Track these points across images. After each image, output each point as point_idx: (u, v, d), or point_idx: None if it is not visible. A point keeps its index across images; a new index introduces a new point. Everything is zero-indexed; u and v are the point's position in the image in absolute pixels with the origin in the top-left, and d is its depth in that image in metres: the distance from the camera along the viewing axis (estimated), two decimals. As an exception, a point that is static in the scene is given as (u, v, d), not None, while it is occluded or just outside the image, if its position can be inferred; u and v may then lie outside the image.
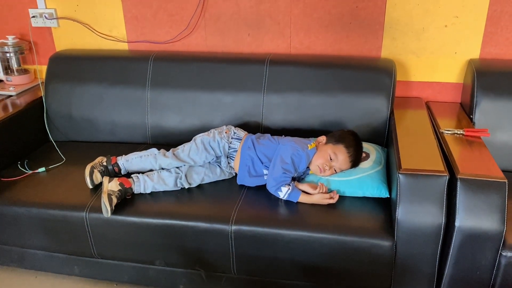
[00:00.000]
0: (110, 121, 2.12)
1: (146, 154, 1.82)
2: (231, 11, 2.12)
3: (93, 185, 1.75)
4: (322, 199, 1.60)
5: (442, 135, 1.67)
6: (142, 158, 1.81)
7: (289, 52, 2.15)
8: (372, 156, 1.75)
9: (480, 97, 1.82)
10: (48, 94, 2.16)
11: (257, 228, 1.54)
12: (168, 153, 1.80)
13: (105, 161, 1.81)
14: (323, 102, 1.93)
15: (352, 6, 2.00)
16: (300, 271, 1.59)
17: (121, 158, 1.83)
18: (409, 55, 2.04)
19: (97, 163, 1.80)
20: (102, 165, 1.79)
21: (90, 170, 1.75)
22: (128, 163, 1.81)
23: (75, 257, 1.79)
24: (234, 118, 2.00)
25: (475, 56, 1.98)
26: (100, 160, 1.82)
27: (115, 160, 1.82)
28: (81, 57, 2.22)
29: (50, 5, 2.28)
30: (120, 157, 1.84)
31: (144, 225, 1.62)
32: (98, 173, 1.76)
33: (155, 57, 2.11)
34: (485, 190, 1.36)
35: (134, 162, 1.81)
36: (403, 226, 1.44)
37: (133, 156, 1.83)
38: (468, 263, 1.42)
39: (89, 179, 1.73)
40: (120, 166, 1.81)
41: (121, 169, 1.81)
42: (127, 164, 1.81)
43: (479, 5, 1.89)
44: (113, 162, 1.81)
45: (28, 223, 1.72)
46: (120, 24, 2.25)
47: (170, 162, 1.77)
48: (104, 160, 1.82)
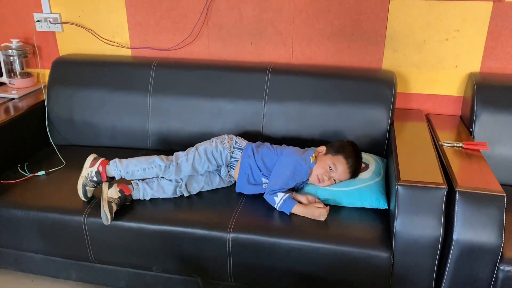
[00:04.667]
0: (111, 126, 2.13)
1: (150, 167, 1.72)
2: (234, 20, 2.14)
3: (87, 198, 1.70)
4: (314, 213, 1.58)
5: (442, 148, 1.68)
6: (146, 171, 1.72)
7: (290, 61, 2.16)
8: (371, 167, 1.75)
9: (480, 110, 1.82)
10: (50, 97, 2.17)
11: (255, 236, 1.54)
12: (172, 168, 1.71)
13: (94, 177, 1.68)
14: (323, 112, 1.93)
15: (354, 17, 2.01)
16: (297, 281, 1.59)
17: (117, 168, 1.70)
18: (410, 67, 2.05)
19: (87, 179, 1.68)
20: (93, 181, 1.68)
21: (82, 190, 1.68)
22: (130, 175, 1.72)
23: (72, 261, 1.79)
24: (234, 126, 2.00)
25: (475, 69, 1.99)
26: (89, 173, 1.69)
27: (105, 170, 1.69)
28: (84, 62, 2.23)
29: (55, 10, 2.30)
30: (116, 167, 1.70)
31: (142, 231, 1.62)
32: (91, 188, 1.70)
33: (157, 64, 2.12)
34: (483, 203, 1.36)
35: (137, 175, 1.72)
36: (401, 237, 1.44)
37: (135, 168, 1.72)
38: (465, 276, 1.42)
39: (83, 195, 1.69)
40: (116, 177, 1.72)
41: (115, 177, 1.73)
42: (128, 176, 1.72)
43: (480, 20, 1.91)
44: (103, 178, 1.69)
45: (26, 226, 1.72)
46: (124, 30, 2.27)
47: (174, 177, 1.73)
48: (93, 175, 1.68)
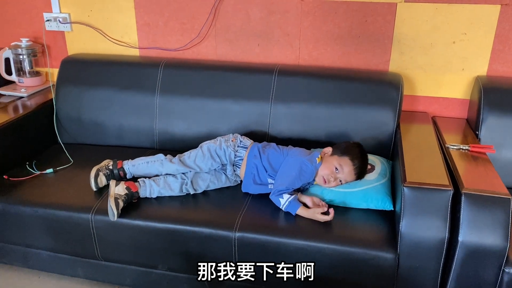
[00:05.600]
0: (119, 125, 2.15)
1: (152, 160, 1.83)
2: (241, 22, 2.15)
3: (97, 188, 1.76)
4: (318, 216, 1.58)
5: (448, 150, 1.68)
6: (149, 164, 1.82)
7: (297, 63, 2.17)
8: (377, 169, 1.76)
9: (487, 113, 1.82)
10: (59, 96, 2.19)
11: (260, 236, 1.55)
12: (175, 159, 1.81)
13: (111, 165, 1.83)
14: (330, 113, 1.94)
15: (361, 20, 2.02)
16: (302, 281, 1.59)
17: (127, 162, 1.85)
18: (416, 70, 2.05)
19: (102, 167, 1.81)
20: (108, 169, 1.81)
21: (95, 173, 1.77)
22: (134, 168, 1.83)
23: (79, 258, 1.80)
24: (241, 127, 2.01)
25: (482, 73, 2.00)
26: (106, 163, 1.84)
27: (121, 164, 1.84)
28: (92, 62, 2.25)
29: (65, 10, 2.32)
30: (126, 162, 1.85)
31: (149, 229, 1.64)
32: (104, 176, 1.78)
33: (165, 64, 2.13)
34: (489, 206, 1.36)
35: (141, 168, 1.83)
36: (406, 239, 1.45)
37: (140, 161, 1.84)
38: (470, 278, 1.42)
39: (94, 182, 1.75)
40: (125, 171, 1.83)
41: (126, 173, 1.83)
42: (133, 169, 1.83)
43: (488, 23, 1.91)
44: (119, 167, 1.82)
45: (34, 223, 1.74)
46: (132, 30, 2.29)
47: (176, 168, 1.78)
48: (110, 164, 1.83)
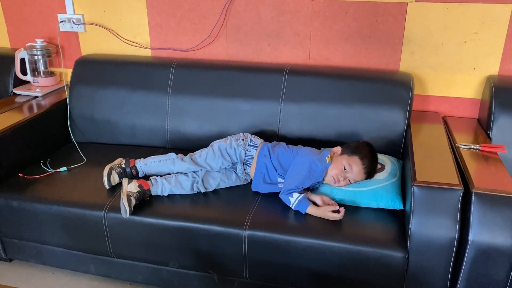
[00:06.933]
0: (131, 124, 2.18)
1: (164, 159, 1.86)
2: (252, 22, 2.17)
3: (110, 186, 1.79)
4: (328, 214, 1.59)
5: (458, 150, 1.68)
6: (161, 163, 1.85)
7: (308, 63, 2.18)
8: (387, 168, 1.76)
9: (498, 113, 1.82)
10: (72, 96, 2.23)
11: (270, 234, 1.57)
12: (186, 158, 1.83)
13: (123, 163, 1.85)
14: (340, 113, 1.94)
15: (372, 19, 2.03)
16: (311, 279, 1.60)
17: (139, 161, 1.87)
18: (427, 69, 2.05)
19: (115, 165, 1.84)
20: (121, 167, 1.84)
21: (108, 171, 1.80)
22: (146, 166, 1.85)
23: (91, 255, 1.83)
24: (251, 126, 2.03)
25: (493, 72, 1.99)
26: (119, 162, 1.87)
27: (134, 163, 1.86)
28: (105, 62, 2.28)
29: (78, 11, 2.36)
30: (139, 160, 1.88)
31: (160, 226, 1.66)
32: (116, 174, 1.81)
33: (177, 64, 2.16)
34: (499, 205, 1.36)
35: (152, 166, 1.85)
36: (416, 238, 1.45)
37: (152, 160, 1.87)
38: (480, 278, 1.42)
39: (107, 180, 1.78)
40: (138, 169, 1.85)
41: (138, 172, 1.85)
42: (145, 167, 1.85)
43: (499, 22, 1.90)
44: (132, 165, 1.85)
45: (48, 220, 1.77)
46: (144, 31, 2.32)
47: (187, 166, 1.81)
48: (122, 162, 1.86)
